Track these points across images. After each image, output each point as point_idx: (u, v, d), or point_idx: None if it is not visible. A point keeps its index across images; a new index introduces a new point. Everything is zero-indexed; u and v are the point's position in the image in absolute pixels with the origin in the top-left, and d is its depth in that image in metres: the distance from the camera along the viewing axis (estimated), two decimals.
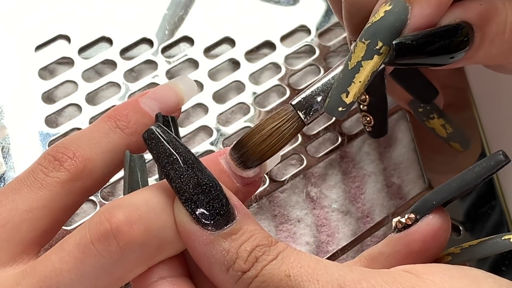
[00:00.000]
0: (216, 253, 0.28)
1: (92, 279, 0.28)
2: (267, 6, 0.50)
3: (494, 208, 0.45)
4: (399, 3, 0.32)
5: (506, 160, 0.29)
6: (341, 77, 0.32)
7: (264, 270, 0.28)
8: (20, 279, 0.28)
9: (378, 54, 0.32)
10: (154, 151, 0.28)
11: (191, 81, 0.36)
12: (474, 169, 0.30)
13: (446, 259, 0.32)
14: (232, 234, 0.28)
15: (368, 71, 0.32)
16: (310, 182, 0.45)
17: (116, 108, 0.34)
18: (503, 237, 0.30)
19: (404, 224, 0.31)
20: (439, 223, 0.30)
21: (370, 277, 0.27)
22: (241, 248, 0.28)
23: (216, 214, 0.28)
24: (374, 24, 0.32)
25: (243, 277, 0.28)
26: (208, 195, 0.28)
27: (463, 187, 0.30)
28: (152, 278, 0.29)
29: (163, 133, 0.29)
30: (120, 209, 0.28)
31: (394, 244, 0.31)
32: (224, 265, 0.28)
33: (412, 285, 0.27)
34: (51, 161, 0.31)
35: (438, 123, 0.43)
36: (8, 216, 0.30)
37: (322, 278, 0.27)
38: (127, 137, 0.33)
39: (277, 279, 0.27)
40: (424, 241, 0.30)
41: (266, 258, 0.28)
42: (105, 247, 0.27)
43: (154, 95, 0.34)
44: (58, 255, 0.28)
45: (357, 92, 0.32)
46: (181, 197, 0.28)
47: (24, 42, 0.45)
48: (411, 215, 0.31)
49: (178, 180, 0.28)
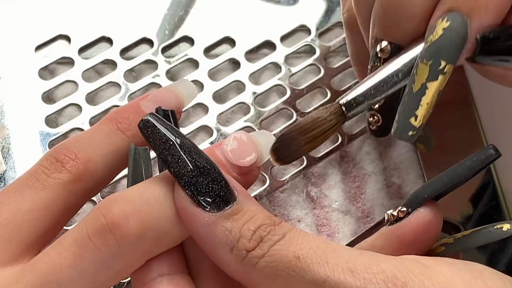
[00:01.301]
0: (218, 233, 0.28)
1: (91, 273, 0.28)
2: (267, 6, 0.50)
3: (494, 208, 0.45)
4: (456, 18, 0.31)
5: (496, 154, 0.30)
6: (407, 101, 0.32)
7: (271, 250, 0.27)
8: (19, 276, 0.29)
9: (443, 73, 0.31)
10: (150, 138, 0.29)
11: (191, 85, 0.36)
12: (465, 163, 0.30)
13: (439, 249, 0.32)
14: (233, 214, 0.28)
15: (434, 91, 0.31)
16: (310, 182, 0.45)
17: (117, 110, 0.34)
18: (496, 226, 0.31)
19: (396, 217, 0.31)
20: (430, 216, 0.31)
21: (380, 262, 0.27)
22: (244, 227, 0.28)
23: (216, 195, 0.28)
24: (434, 44, 0.31)
25: (248, 256, 0.28)
26: (207, 177, 0.28)
27: (454, 180, 0.30)
28: (151, 276, 0.29)
29: (158, 120, 0.29)
30: (115, 203, 0.28)
31: (386, 237, 0.31)
32: (228, 245, 0.28)
33: (421, 272, 0.27)
34: (52, 162, 0.31)
35: None
36: (10, 217, 0.30)
37: (332, 261, 0.27)
38: (128, 139, 0.33)
39: (286, 260, 0.27)
40: (416, 234, 0.31)
41: (272, 237, 0.28)
42: (102, 241, 0.28)
43: (155, 98, 0.34)
44: (57, 251, 0.28)
45: (426, 115, 0.31)
46: (180, 181, 0.28)
47: (24, 42, 0.46)
48: (402, 208, 0.31)
49: (176, 164, 0.28)
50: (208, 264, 0.29)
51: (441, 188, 0.31)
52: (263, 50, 0.48)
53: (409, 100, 0.31)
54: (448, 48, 0.31)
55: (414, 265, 0.27)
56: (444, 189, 0.31)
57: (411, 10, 0.33)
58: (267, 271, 0.27)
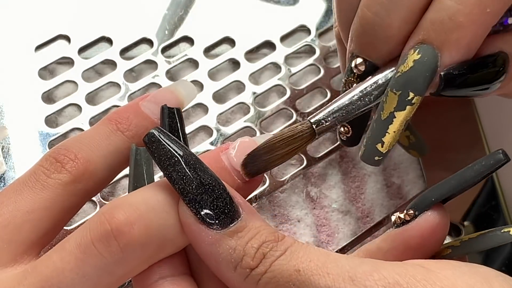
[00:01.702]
0: (222, 252, 0.28)
1: (93, 279, 0.28)
2: (267, 6, 0.50)
3: (494, 208, 0.45)
4: (428, 51, 0.31)
5: (505, 159, 0.30)
6: (375, 127, 0.32)
7: (272, 266, 0.28)
8: (21, 278, 0.29)
9: (410, 104, 0.32)
10: (155, 154, 0.29)
11: (191, 85, 0.36)
12: (473, 167, 0.30)
13: (445, 252, 0.32)
14: (237, 232, 0.28)
15: (401, 121, 0.32)
16: (310, 182, 0.45)
17: (117, 111, 0.34)
18: (503, 230, 0.31)
19: (403, 219, 0.31)
20: (437, 219, 0.31)
21: (381, 268, 0.27)
22: (248, 245, 0.28)
23: (220, 213, 0.28)
24: (404, 75, 0.32)
25: (251, 274, 0.28)
26: (211, 194, 0.28)
27: (462, 184, 0.30)
28: (153, 278, 0.29)
29: (164, 135, 0.29)
30: (120, 209, 0.28)
31: (392, 240, 0.31)
32: (232, 263, 0.28)
33: (424, 277, 0.27)
34: (52, 162, 0.31)
35: (403, 134, 0.42)
36: (10, 217, 0.30)
37: (333, 271, 0.27)
38: (128, 140, 0.33)
39: (287, 275, 0.27)
40: (422, 237, 0.31)
41: (274, 253, 0.28)
42: (106, 247, 0.27)
43: (155, 99, 0.34)
44: (59, 255, 0.28)
45: (392, 142, 0.32)
46: (185, 198, 0.28)
47: (24, 42, 0.46)
48: (410, 211, 0.31)
49: (181, 182, 0.28)
50: None
51: (448, 192, 0.30)
52: (263, 50, 0.48)
53: (377, 127, 0.32)
54: (417, 80, 0.32)
55: (416, 271, 0.27)
56: (452, 192, 0.30)
57: (388, 32, 0.33)
58: (269, 287, 0.28)
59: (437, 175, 0.47)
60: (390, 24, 0.33)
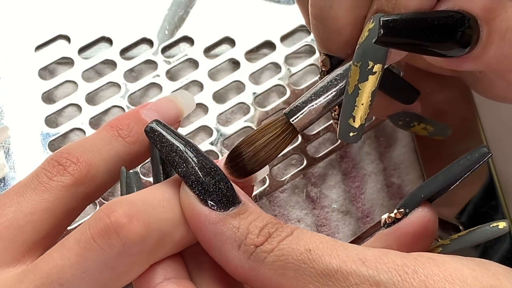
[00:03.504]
0: (226, 230, 0.28)
1: (94, 274, 0.28)
2: (267, 6, 0.50)
3: (494, 208, 0.45)
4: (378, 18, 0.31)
5: (489, 153, 0.30)
6: (344, 103, 0.32)
7: (281, 244, 0.28)
8: (22, 277, 0.29)
9: (372, 74, 0.32)
10: (157, 142, 0.30)
11: (190, 96, 0.37)
12: (459, 162, 0.31)
13: (436, 250, 0.32)
14: (240, 214, 0.29)
15: (367, 92, 0.32)
16: (310, 182, 0.45)
17: (118, 118, 0.34)
18: (492, 224, 0.31)
19: (394, 218, 0.31)
20: (428, 215, 0.31)
21: (389, 253, 0.28)
22: (252, 224, 0.29)
23: (223, 195, 0.29)
24: (361, 45, 0.32)
25: (256, 251, 0.28)
26: (213, 177, 0.29)
27: (449, 180, 0.31)
28: (157, 280, 0.29)
29: (163, 126, 0.30)
30: (119, 205, 0.29)
31: (385, 239, 0.31)
32: (236, 241, 0.28)
33: (428, 261, 0.27)
34: (55, 165, 0.32)
35: (419, 128, 0.43)
36: (13, 218, 0.30)
37: (342, 253, 0.28)
38: (129, 146, 0.33)
39: (297, 253, 0.28)
40: (415, 234, 0.31)
41: (281, 233, 0.28)
42: (106, 240, 0.28)
43: (155, 107, 0.35)
44: (59, 252, 0.29)
45: (363, 115, 0.32)
46: (188, 180, 0.29)
47: (24, 42, 0.46)
48: (400, 209, 0.31)
49: (184, 165, 0.29)
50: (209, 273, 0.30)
51: (437, 188, 0.31)
52: (263, 50, 0.48)
53: (346, 102, 0.32)
54: (373, 48, 0.32)
55: (421, 257, 0.28)
56: (440, 188, 0.31)
57: (337, 23, 0.33)
58: (276, 265, 0.28)
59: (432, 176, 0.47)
60: (335, 15, 0.33)
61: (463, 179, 0.31)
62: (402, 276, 0.27)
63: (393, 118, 0.43)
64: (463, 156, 0.31)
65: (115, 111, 0.44)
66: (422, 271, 0.27)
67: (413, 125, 0.43)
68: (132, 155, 0.33)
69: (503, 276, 0.27)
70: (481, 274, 0.27)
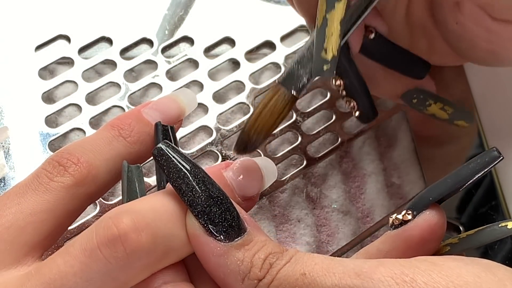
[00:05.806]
0: (230, 264, 0.28)
1: (97, 284, 0.28)
2: (267, 6, 0.50)
3: (494, 208, 0.45)
4: None
5: (500, 156, 0.30)
6: (315, 37, 0.33)
7: (279, 273, 0.28)
8: (24, 280, 0.29)
9: (338, 0, 0.32)
10: (164, 167, 0.29)
11: (192, 94, 0.37)
12: (469, 166, 0.30)
13: (444, 249, 0.32)
14: (244, 244, 0.28)
15: (336, 21, 0.32)
16: (310, 182, 0.45)
17: (119, 117, 0.34)
18: (500, 224, 0.31)
19: (401, 220, 0.31)
20: (436, 218, 0.31)
21: (386, 262, 0.28)
22: (255, 256, 0.28)
23: (228, 225, 0.28)
24: None
25: (259, 285, 0.28)
26: (220, 207, 0.29)
27: (458, 183, 0.30)
28: (156, 283, 0.29)
29: (172, 149, 0.29)
30: (128, 215, 0.28)
31: (392, 241, 0.31)
32: (240, 275, 0.28)
33: (428, 268, 0.27)
34: (55, 166, 0.31)
35: (436, 108, 0.42)
36: (13, 219, 0.30)
37: (338, 270, 0.27)
38: (130, 146, 0.33)
39: (293, 279, 0.28)
40: (422, 236, 0.31)
41: (280, 262, 0.28)
42: (112, 252, 0.28)
43: (157, 106, 0.35)
44: (64, 259, 0.28)
45: (334, 45, 0.32)
46: (194, 210, 0.28)
47: (24, 42, 0.46)
48: (408, 211, 0.31)
49: (190, 194, 0.28)
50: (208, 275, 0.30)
51: (446, 191, 0.31)
52: (263, 50, 0.48)
53: (316, 36, 0.33)
54: None
55: (420, 263, 0.28)
56: (449, 191, 0.31)
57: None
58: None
59: (437, 175, 0.47)
60: None
61: (472, 182, 0.31)
62: (400, 285, 0.26)
63: (406, 97, 0.42)
64: (473, 159, 0.30)
65: (115, 111, 0.44)
66: (421, 278, 0.27)
67: (429, 104, 0.42)
68: (133, 155, 0.33)
69: (510, 282, 0.27)
70: (486, 281, 0.27)
